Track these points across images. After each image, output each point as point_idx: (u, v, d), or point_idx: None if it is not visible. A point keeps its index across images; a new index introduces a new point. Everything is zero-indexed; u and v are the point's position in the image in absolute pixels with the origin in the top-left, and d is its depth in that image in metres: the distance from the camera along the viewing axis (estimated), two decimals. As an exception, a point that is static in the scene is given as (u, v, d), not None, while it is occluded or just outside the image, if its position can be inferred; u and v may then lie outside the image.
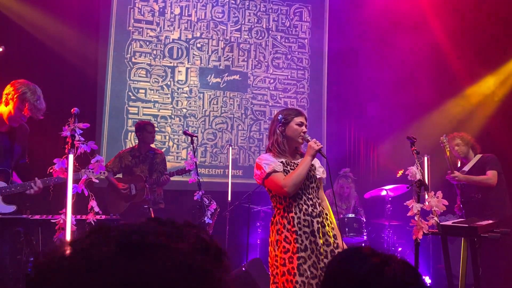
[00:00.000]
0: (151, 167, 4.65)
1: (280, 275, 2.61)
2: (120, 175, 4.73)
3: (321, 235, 2.62)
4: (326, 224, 2.68)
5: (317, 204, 2.70)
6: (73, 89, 5.27)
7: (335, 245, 2.67)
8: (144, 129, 4.64)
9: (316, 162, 2.82)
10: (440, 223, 2.93)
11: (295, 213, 2.64)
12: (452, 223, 3.22)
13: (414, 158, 2.84)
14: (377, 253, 0.92)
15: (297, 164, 2.71)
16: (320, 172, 2.81)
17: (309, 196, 2.70)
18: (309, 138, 2.74)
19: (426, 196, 2.80)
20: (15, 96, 3.05)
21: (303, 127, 2.76)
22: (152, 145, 4.82)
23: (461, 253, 3.43)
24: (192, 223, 0.67)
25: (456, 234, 3.40)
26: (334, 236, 2.70)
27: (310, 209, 2.66)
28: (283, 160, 2.73)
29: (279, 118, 2.78)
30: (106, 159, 4.92)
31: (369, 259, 0.90)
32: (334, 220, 2.78)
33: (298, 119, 2.77)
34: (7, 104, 3.09)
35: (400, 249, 5.03)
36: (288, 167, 2.72)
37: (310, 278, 2.52)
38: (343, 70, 6.48)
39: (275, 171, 2.67)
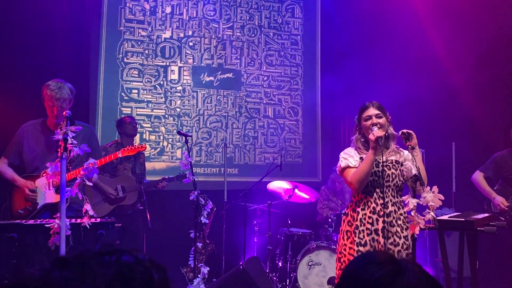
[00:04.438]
0: (134, 165, 4.52)
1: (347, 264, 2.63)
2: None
3: (385, 234, 2.58)
4: (397, 224, 2.65)
5: (390, 203, 2.65)
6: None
7: (405, 246, 2.63)
8: (122, 122, 4.59)
9: (407, 158, 2.68)
10: (437, 218, 2.93)
11: (362, 209, 2.68)
12: (449, 217, 3.22)
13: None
14: (393, 260, 0.89)
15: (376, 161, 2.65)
16: (412, 170, 2.60)
17: (381, 195, 2.64)
18: (372, 129, 2.62)
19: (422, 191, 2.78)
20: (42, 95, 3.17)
21: (371, 120, 2.67)
22: (136, 143, 4.61)
23: (457, 246, 3.44)
24: None
25: (452, 229, 3.40)
26: (406, 237, 2.64)
27: (378, 208, 2.64)
28: (364, 156, 2.70)
29: (355, 118, 2.78)
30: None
31: (383, 266, 0.87)
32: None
33: (365, 114, 2.71)
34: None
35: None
36: None
37: None
38: (336, 65, 6.46)
39: (348, 167, 2.72)
